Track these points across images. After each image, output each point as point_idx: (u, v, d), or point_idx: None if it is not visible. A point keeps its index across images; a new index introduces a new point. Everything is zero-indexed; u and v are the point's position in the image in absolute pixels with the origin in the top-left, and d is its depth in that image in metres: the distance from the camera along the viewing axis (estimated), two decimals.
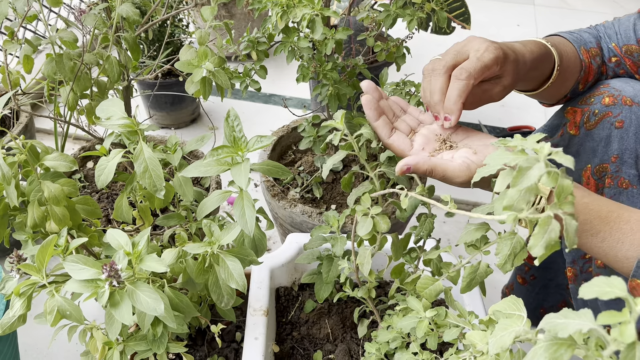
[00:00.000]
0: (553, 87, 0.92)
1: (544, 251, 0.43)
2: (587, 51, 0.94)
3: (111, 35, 0.90)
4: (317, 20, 0.82)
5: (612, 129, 0.85)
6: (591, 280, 0.37)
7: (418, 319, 0.68)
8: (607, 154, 0.87)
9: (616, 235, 0.68)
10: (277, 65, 2.36)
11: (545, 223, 0.43)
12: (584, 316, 0.38)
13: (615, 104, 0.85)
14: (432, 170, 0.69)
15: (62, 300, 0.66)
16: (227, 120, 0.75)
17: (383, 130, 0.75)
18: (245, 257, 0.76)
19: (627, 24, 0.93)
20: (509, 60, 0.74)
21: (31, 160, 0.75)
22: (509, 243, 0.54)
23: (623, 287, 0.36)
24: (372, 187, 0.74)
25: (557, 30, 0.98)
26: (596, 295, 0.36)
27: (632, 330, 0.34)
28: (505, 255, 0.54)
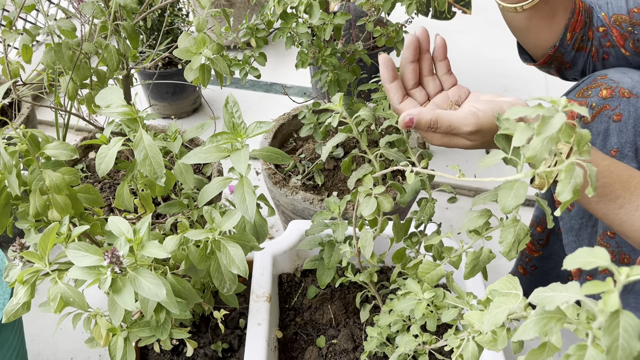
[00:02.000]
0: (542, 14, 0.87)
1: (572, 195, 0.43)
2: (581, 1, 0.91)
3: (109, 23, 0.90)
4: (315, 4, 0.82)
5: (610, 122, 0.84)
6: (575, 252, 0.37)
7: (417, 301, 0.68)
8: (606, 148, 0.85)
9: (636, 202, 0.66)
10: (277, 53, 2.36)
11: (570, 169, 0.43)
12: (571, 288, 0.38)
13: (613, 97, 0.84)
14: (437, 120, 0.65)
15: (65, 287, 0.67)
16: (226, 106, 0.75)
17: (395, 94, 0.72)
18: (247, 243, 0.77)
19: None
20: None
21: (32, 150, 0.75)
22: (512, 230, 0.55)
23: (606, 257, 0.36)
24: (373, 168, 0.74)
25: None
26: (579, 265, 0.37)
27: (616, 299, 0.34)
28: (509, 242, 0.54)
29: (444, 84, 0.76)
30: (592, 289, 0.34)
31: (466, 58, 2.43)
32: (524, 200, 0.48)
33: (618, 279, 0.34)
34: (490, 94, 0.72)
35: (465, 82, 2.14)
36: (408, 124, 0.65)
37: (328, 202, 0.89)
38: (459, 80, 0.79)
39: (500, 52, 2.47)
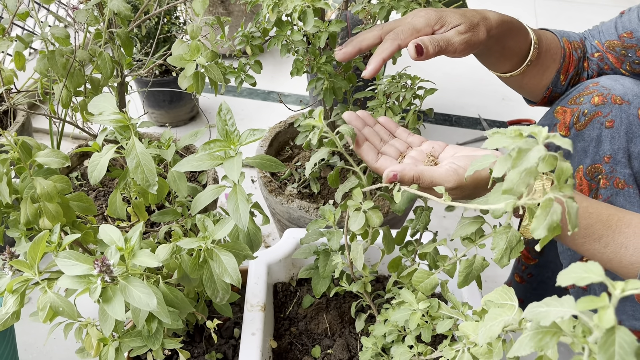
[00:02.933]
0: (533, 73, 0.93)
1: (547, 233, 0.42)
2: (570, 42, 0.96)
3: (104, 31, 0.90)
4: (309, 11, 0.81)
5: (602, 128, 0.85)
6: (569, 267, 0.37)
7: (411, 311, 0.68)
8: (599, 154, 0.86)
9: (619, 240, 0.67)
10: (275, 62, 2.36)
11: (547, 205, 0.42)
12: (565, 303, 0.37)
13: (604, 103, 0.84)
14: (420, 176, 0.69)
15: (55, 296, 0.66)
16: (219, 114, 0.74)
17: (369, 155, 0.76)
18: (240, 252, 0.76)
19: (609, 24, 0.95)
20: (448, 16, 0.79)
21: (23, 157, 0.74)
22: (504, 237, 0.54)
23: (600, 272, 0.35)
24: (359, 182, 0.73)
25: (557, 23, 0.99)
26: (573, 281, 0.36)
27: (611, 315, 0.34)
28: (501, 249, 0.54)
29: (412, 145, 0.80)
30: (587, 304, 0.34)
31: (463, 66, 2.43)
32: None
33: (613, 294, 0.34)
34: (469, 148, 0.76)
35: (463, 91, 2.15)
36: (392, 179, 0.69)
37: (323, 211, 0.88)
38: (457, 88, 0.82)
39: None
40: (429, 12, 0.80)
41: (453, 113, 2.11)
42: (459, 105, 2.14)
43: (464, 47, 0.79)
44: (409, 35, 0.78)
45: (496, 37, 0.83)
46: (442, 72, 2.36)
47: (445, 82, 2.24)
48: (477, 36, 0.80)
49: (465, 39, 0.78)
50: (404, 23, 0.80)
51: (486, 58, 0.93)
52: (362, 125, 0.80)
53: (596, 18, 2.84)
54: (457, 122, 2.07)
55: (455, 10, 0.82)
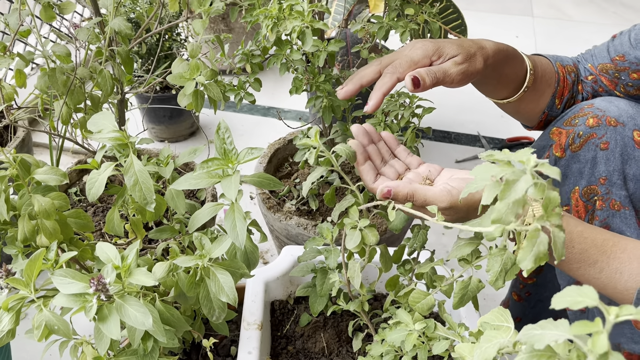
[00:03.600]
0: (530, 98, 0.95)
1: (533, 264, 0.42)
2: (564, 67, 0.97)
3: (105, 49, 0.91)
4: (307, 32, 0.82)
5: (597, 150, 0.85)
6: (564, 290, 0.37)
7: (407, 332, 0.67)
8: (594, 176, 0.86)
9: (614, 265, 0.67)
10: (275, 78, 2.37)
11: (533, 236, 0.42)
12: (560, 327, 0.37)
13: (599, 125, 0.85)
14: (413, 194, 0.70)
15: (50, 314, 0.66)
16: (217, 132, 0.74)
17: (368, 175, 0.77)
18: (237, 270, 0.76)
19: (601, 48, 0.97)
20: (445, 48, 0.80)
21: (22, 174, 0.75)
22: (499, 259, 0.54)
23: (595, 297, 0.35)
24: (356, 200, 0.73)
25: (556, 41, 1.01)
26: (568, 304, 0.36)
27: (605, 341, 0.34)
28: (496, 272, 0.54)
29: (410, 166, 0.82)
30: (581, 329, 0.34)
31: None
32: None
33: (607, 319, 0.34)
34: (464, 171, 0.77)
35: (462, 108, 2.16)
36: (386, 195, 0.70)
37: (321, 228, 0.88)
38: (456, 105, 0.83)
39: None
40: (426, 43, 0.81)
41: (452, 130, 2.12)
42: (458, 122, 2.15)
43: (461, 78, 0.80)
44: (407, 68, 0.79)
45: (493, 65, 0.84)
46: (440, 89, 2.37)
47: (444, 99, 2.25)
48: (474, 66, 0.81)
49: (462, 70, 0.79)
50: (401, 56, 0.81)
51: (483, 86, 0.94)
52: (368, 141, 0.80)
53: (594, 37, 2.87)
54: (456, 139, 2.08)
55: (452, 40, 0.83)
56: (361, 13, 1.76)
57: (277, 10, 0.85)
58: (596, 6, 3.33)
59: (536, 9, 3.29)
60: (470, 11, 3.13)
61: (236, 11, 0.98)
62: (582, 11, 3.26)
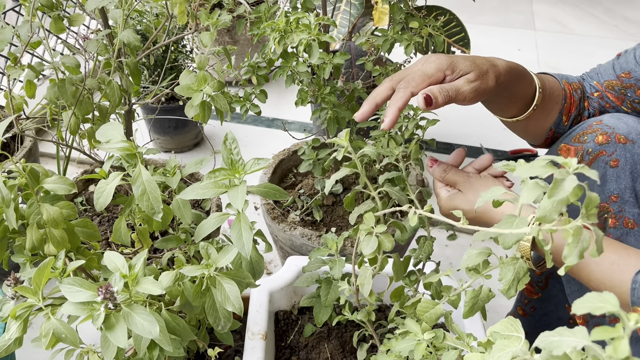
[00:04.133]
0: (538, 116, 0.96)
1: (577, 259, 0.44)
2: (569, 84, 0.98)
3: (113, 60, 0.92)
4: (314, 45, 0.83)
5: (607, 167, 0.85)
6: (584, 296, 0.37)
7: (416, 342, 0.67)
8: (604, 193, 0.85)
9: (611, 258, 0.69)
10: (280, 90, 2.39)
11: (577, 233, 0.44)
12: (578, 333, 0.38)
13: (609, 142, 0.85)
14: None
15: (58, 322, 0.66)
16: (224, 143, 0.75)
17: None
18: (242, 280, 0.76)
19: (606, 66, 0.98)
20: (459, 63, 0.81)
21: (31, 183, 0.76)
22: (512, 268, 0.54)
23: (616, 303, 0.36)
24: (375, 205, 0.74)
25: (557, 55, 1.02)
26: (588, 310, 0.36)
27: (626, 346, 0.34)
28: (509, 280, 0.54)
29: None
30: (601, 334, 0.34)
31: None
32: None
33: (626, 325, 0.34)
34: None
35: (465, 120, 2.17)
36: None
37: (325, 239, 0.89)
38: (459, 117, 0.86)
39: None
40: (440, 57, 0.82)
41: (455, 142, 2.13)
42: (461, 134, 2.16)
43: (473, 96, 0.80)
44: (421, 82, 0.79)
45: (504, 84, 0.85)
46: None
47: (447, 112, 2.26)
48: (487, 83, 0.81)
49: (474, 87, 0.80)
50: (414, 70, 0.81)
51: (493, 104, 0.95)
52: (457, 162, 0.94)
53: (596, 50, 2.88)
54: None
55: (465, 56, 0.83)
56: (365, 26, 1.78)
57: (284, 24, 0.86)
58: (598, 20, 3.35)
59: (538, 22, 3.31)
60: (472, 24, 3.15)
61: (243, 24, 0.99)
62: (583, 25, 3.29)
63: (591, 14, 3.42)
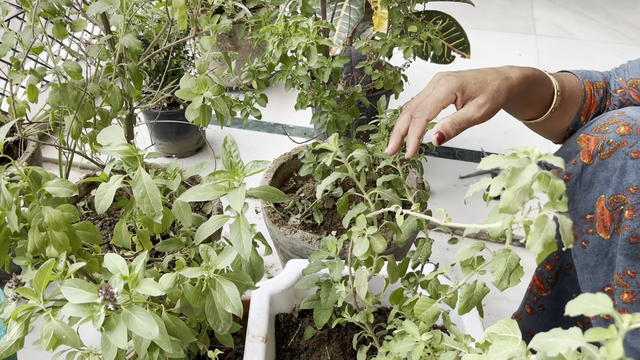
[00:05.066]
0: (556, 117, 0.96)
1: (542, 249, 0.43)
2: (592, 84, 0.98)
3: (115, 65, 0.93)
4: (313, 48, 0.84)
5: (627, 159, 0.84)
6: (578, 297, 0.37)
7: (414, 343, 0.68)
8: (622, 185, 0.85)
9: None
10: (281, 95, 2.40)
11: (541, 222, 0.43)
12: (573, 335, 0.38)
13: (630, 134, 0.84)
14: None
15: (59, 324, 0.67)
16: (224, 145, 0.76)
17: None
18: (242, 282, 0.76)
19: (635, 63, 0.98)
20: (469, 84, 0.83)
21: (33, 187, 0.76)
22: (504, 260, 0.55)
23: (609, 304, 0.36)
24: (367, 208, 0.74)
25: (558, 60, 1.02)
26: (582, 312, 0.37)
27: (619, 347, 0.34)
28: (501, 272, 0.54)
29: None
30: (595, 336, 0.34)
31: None
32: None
33: (620, 326, 0.34)
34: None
35: None
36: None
37: (325, 242, 0.89)
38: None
39: None
40: (450, 79, 0.84)
41: (456, 146, 2.13)
42: (462, 138, 2.17)
43: (485, 119, 0.83)
44: (434, 109, 0.83)
45: (518, 94, 0.86)
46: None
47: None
48: (498, 102, 0.83)
49: (485, 111, 0.82)
50: (427, 97, 0.84)
51: (508, 110, 0.96)
52: None
53: (597, 55, 2.89)
54: (459, 155, 2.09)
55: (476, 74, 0.84)
56: (366, 31, 1.79)
57: (283, 28, 0.87)
58: (598, 24, 3.36)
59: (539, 27, 3.32)
60: (473, 29, 3.17)
61: (243, 29, 1.00)
62: (584, 29, 3.29)
63: (592, 19, 3.42)
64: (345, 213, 0.78)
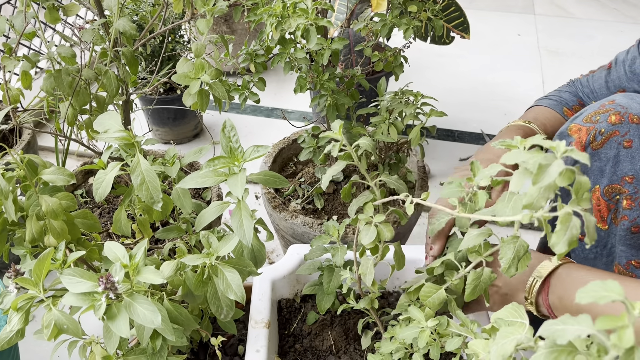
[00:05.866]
0: None
1: (567, 248, 0.42)
2: (570, 109, 1.01)
3: (109, 50, 0.91)
4: (312, 30, 0.82)
5: (620, 148, 0.83)
6: (588, 285, 0.36)
7: (420, 329, 0.67)
8: (617, 174, 0.84)
9: None
10: (279, 79, 2.38)
11: (566, 220, 0.42)
12: (583, 322, 0.37)
13: (622, 122, 0.83)
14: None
15: (59, 313, 0.66)
16: (223, 130, 0.75)
17: None
18: (244, 268, 0.76)
19: (600, 82, 1.00)
20: None
21: (29, 175, 0.75)
22: (512, 247, 0.54)
23: (620, 291, 0.35)
24: (373, 196, 0.73)
25: (557, 39, 1.02)
26: (593, 299, 0.36)
27: (631, 335, 0.34)
28: (509, 259, 0.53)
29: None
30: (606, 324, 0.34)
31: (466, 82, 2.45)
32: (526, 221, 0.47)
33: (632, 313, 0.34)
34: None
35: (465, 106, 2.15)
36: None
37: (327, 226, 0.88)
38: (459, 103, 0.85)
39: (500, 76, 2.49)
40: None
41: (455, 128, 2.12)
42: (462, 120, 2.15)
43: None
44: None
45: None
46: (444, 87, 2.38)
47: (448, 98, 2.25)
48: None
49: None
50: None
51: None
52: None
53: (597, 34, 2.86)
54: (459, 137, 2.08)
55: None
56: (363, 13, 1.76)
57: (281, 8, 0.85)
58: (597, 3, 3.32)
59: (538, 6, 3.28)
60: (472, 10, 3.13)
61: (239, 11, 0.98)
62: (583, 8, 3.26)
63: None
64: (349, 200, 0.77)
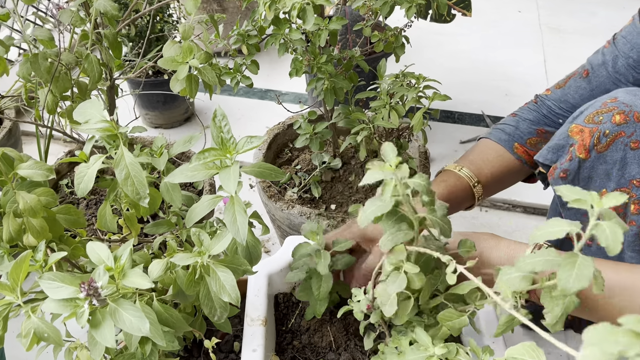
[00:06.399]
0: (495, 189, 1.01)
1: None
2: (523, 144, 1.02)
3: (90, 32, 0.85)
4: (309, 9, 0.76)
5: (627, 150, 0.78)
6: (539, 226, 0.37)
7: (426, 356, 0.62)
8: (624, 178, 0.79)
9: None
10: (272, 59, 2.30)
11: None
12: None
13: (627, 122, 0.77)
14: None
15: (39, 321, 0.61)
16: (214, 120, 0.69)
17: None
18: (238, 267, 0.71)
19: (581, 92, 0.99)
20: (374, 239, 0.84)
21: (5, 170, 0.69)
22: (561, 303, 0.47)
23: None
24: (414, 235, 0.61)
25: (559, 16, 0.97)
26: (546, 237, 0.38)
27: None
28: (557, 316, 0.47)
29: None
30: None
31: (466, 61, 2.38)
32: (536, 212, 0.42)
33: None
34: None
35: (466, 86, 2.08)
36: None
37: (305, 232, 0.84)
38: (460, 83, 0.83)
39: (500, 55, 2.42)
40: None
41: (456, 110, 2.06)
42: (462, 101, 2.09)
43: None
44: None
45: None
46: (444, 67, 2.31)
47: (448, 78, 2.19)
48: None
49: None
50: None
51: None
52: None
53: (599, 10, 2.79)
54: (460, 119, 2.02)
55: None
56: None
57: None
58: None
59: None
60: None
61: None
62: None
63: None
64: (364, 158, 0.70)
